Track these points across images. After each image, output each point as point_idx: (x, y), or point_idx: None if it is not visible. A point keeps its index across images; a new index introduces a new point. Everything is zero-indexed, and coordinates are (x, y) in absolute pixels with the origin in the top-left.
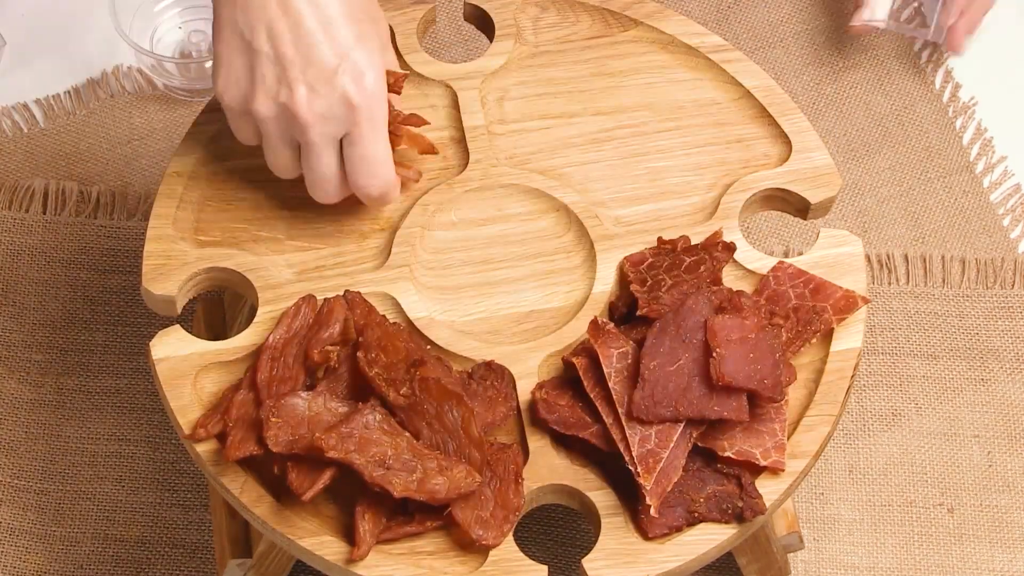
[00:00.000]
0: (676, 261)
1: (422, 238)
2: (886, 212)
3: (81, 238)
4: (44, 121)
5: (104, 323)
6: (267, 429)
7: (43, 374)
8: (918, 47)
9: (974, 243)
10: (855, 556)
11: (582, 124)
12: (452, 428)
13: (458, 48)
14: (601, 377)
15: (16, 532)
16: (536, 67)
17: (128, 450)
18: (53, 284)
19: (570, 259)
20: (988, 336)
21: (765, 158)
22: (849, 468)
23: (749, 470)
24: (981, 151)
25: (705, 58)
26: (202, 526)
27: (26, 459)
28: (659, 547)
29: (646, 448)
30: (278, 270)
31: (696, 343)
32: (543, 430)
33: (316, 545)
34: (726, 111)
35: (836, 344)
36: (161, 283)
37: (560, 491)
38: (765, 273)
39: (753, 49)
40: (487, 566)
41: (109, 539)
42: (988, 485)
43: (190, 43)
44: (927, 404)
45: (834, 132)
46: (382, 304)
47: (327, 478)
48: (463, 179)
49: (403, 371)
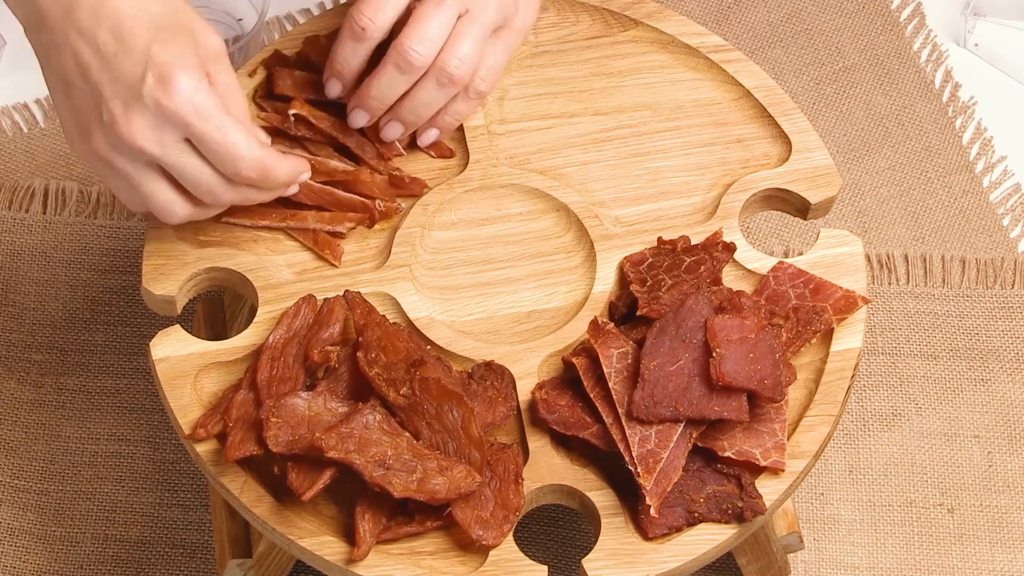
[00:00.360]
0: (676, 261)
1: (422, 238)
2: (886, 212)
3: (81, 238)
4: (44, 121)
5: (104, 323)
6: (267, 429)
7: (43, 374)
8: (917, 47)
9: (974, 243)
10: (855, 556)
11: (582, 124)
12: (452, 428)
13: None
14: (601, 377)
15: (16, 532)
16: (536, 67)
17: (128, 450)
18: (53, 284)
19: (570, 259)
20: (988, 336)
21: (765, 158)
22: (849, 468)
23: (749, 470)
24: (981, 151)
25: (705, 58)
26: (202, 526)
27: (26, 459)
28: (659, 547)
29: (646, 448)
30: (278, 270)
31: (696, 343)
32: (543, 430)
33: (316, 545)
34: (726, 111)
35: (836, 344)
36: (161, 283)
37: (560, 491)
38: (765, 273)
39: (753, 49)
40: (487, 566)
41: (109, 539)
42: (988, 485)
43: None
44: (927, 404)
45: (834, 132)
46: (382, 304)
47: (327, 478)
48: (463, 179)
49: (403, 371)
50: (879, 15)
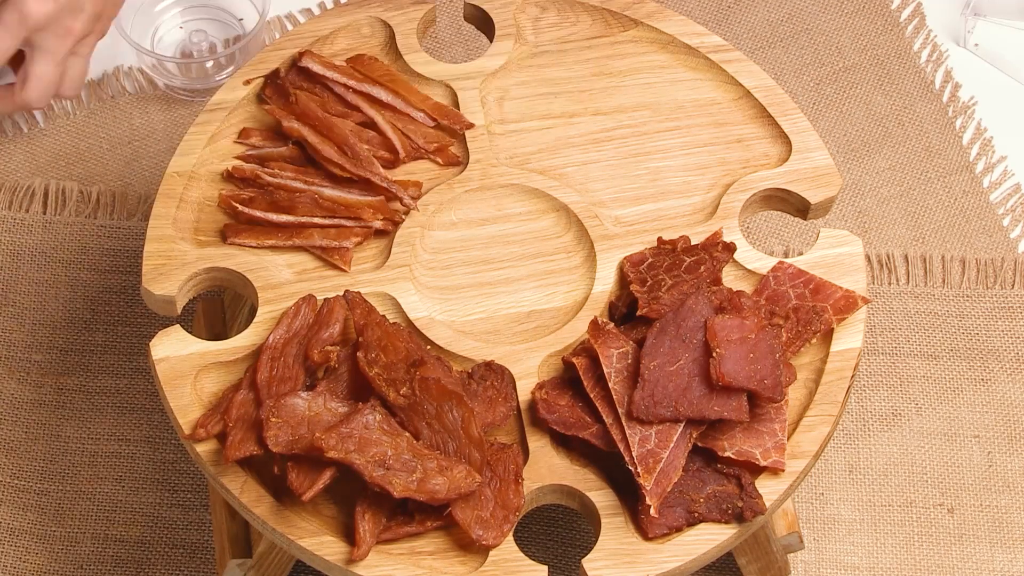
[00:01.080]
0: (676, 261)
1: (422, 238)
2: (886, 212)
3: (81, 238)
4: (44, 121)
5: (104, 323)
6: (267, 429)
7: (43, 374)
8: (917, 47)
9: (974, 243)
10: (855, 556)
11: (582, 124)
12: (452, 428)
13: (458, 48)
14: (601, 377)
15: (16, 532)
16: (536, 67)
17: (128, 450)
18: (53, 284)
19: (570, 259)
20: (988, 336)
21: (765, 158)
22: (849, 468)
23: (749, 470)
24: (981, 151)
25: (705, 58)
26: (202, 526)
27: (26, 459)
28: (659, 547)
29: (646, 448)
30: (278, 270)
31: (696, 343)
32: (543, 430)
33: (316, 545)
34: (726, 111)
35: (836, 344)
36: (161, 283)
37: (560, 491)
38: (765, 273)
39: (753, 49)
40: (487, 566)
41: (109, 539)
42: (988, 485)
43: (191, 43)
44: (927, 404)
45: (834, 132)
46: (382, 304)
47: (327, 478)
48: (463, 179)
49: (403, 371)
50: (879, 15)
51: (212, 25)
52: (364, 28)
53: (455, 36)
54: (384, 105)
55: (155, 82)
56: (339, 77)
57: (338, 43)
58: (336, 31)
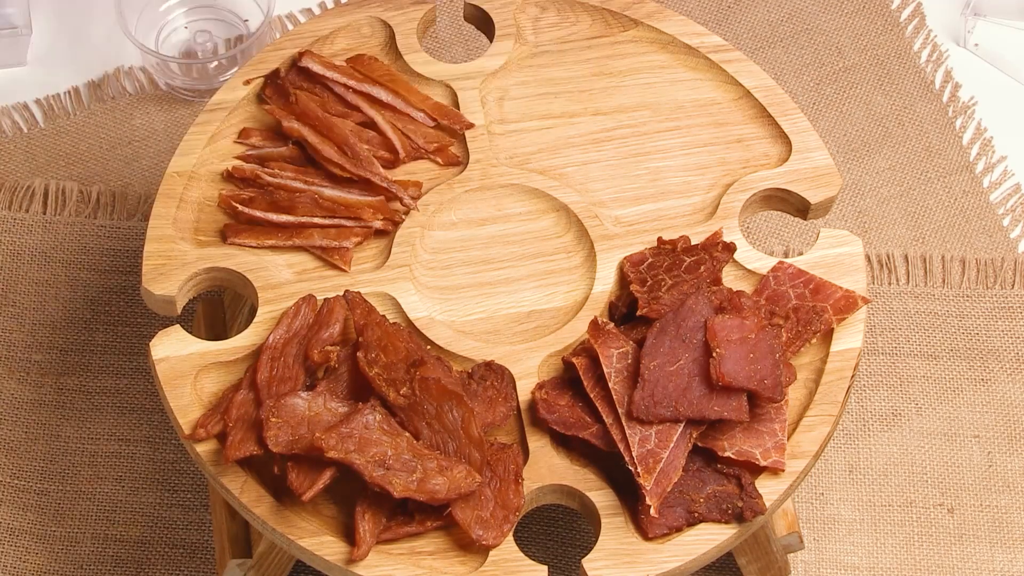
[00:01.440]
0: (676, 261)
1: (422, 238)
2: (886, 212)
3: (81, 238)
4: (44, 121)
5: (104, 323)
6: (267, 429)
7: (43, 374)
8: (917, 47)
9: (974, 243)
10: (855, 556)
11: (582, 124)
12: (452, 428)
13: (458, 48)
14: (601, 377)
15: (16, 532)
16: (536, 67)
17: (128, 450)
18: (53, 284)
19: (570, 259)
20: (988, 336)
21: (765, 158)
22: (849, 468)
23: (749, 470)
24: (981, 151)
25: (705, 58)
26: (202, 526)
27: (26, 459)
28: (659, 547)
29: (646, 448)
30: (278, 270)
31: (696, 343)
32: (543, 430)
33: (316, 545)
34: (726, 111)
35: (836, 344)
36: (161, 283)
37: (560, 491)
38: (765, 273)
39: (753, 49)
40: (487, 566)
41: (109, 539)
42: (988, 485)
43: (195, 43)
44: (927, 404)
45: (834, 132)
46: (382, 304)
47: (327, 478)
48: (463, 179)
49: (403, 371)
50: (879, 15)
51: (217, 25)
52: (364, 28)
53: (455, 36)
54: (384, 105)
55: (156, 82)
56: (339, 77)
57: (338, 43)
58: (336, 31)
